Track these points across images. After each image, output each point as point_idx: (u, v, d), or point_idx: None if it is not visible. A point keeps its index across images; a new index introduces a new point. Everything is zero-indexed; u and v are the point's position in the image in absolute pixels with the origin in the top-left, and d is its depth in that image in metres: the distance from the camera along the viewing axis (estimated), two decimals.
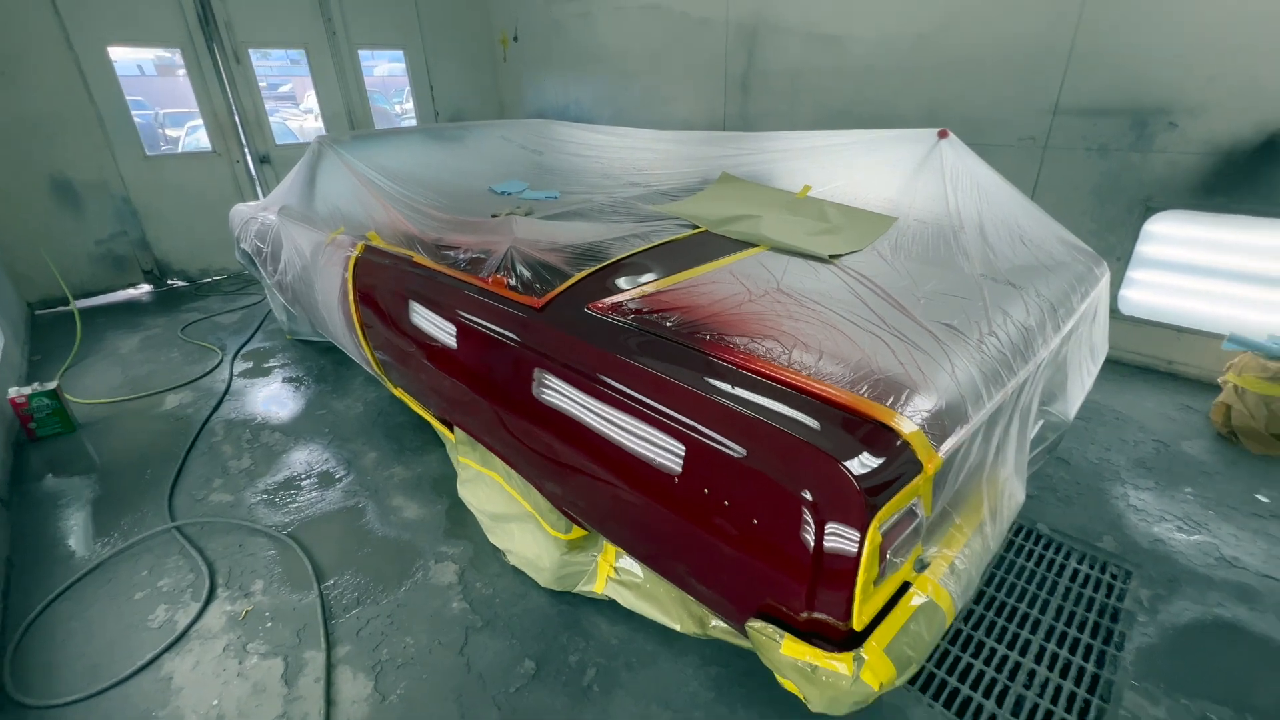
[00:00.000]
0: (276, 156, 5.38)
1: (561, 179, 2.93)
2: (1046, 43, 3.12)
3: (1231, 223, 2.87)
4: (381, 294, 2.23)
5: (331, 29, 5.43)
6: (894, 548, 1.00)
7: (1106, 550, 2.07)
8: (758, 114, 4.55)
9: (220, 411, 3.13)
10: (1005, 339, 1.36)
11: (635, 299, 1.56)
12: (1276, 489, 2.33)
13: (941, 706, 1.57)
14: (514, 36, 6.29)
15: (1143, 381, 3.16)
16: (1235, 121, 2.72)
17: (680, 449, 1.16)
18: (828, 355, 1.22)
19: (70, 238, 4.61)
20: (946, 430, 1.09)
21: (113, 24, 4.46)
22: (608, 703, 1.60)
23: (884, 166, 2.21)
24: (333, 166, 2.73)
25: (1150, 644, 1.73)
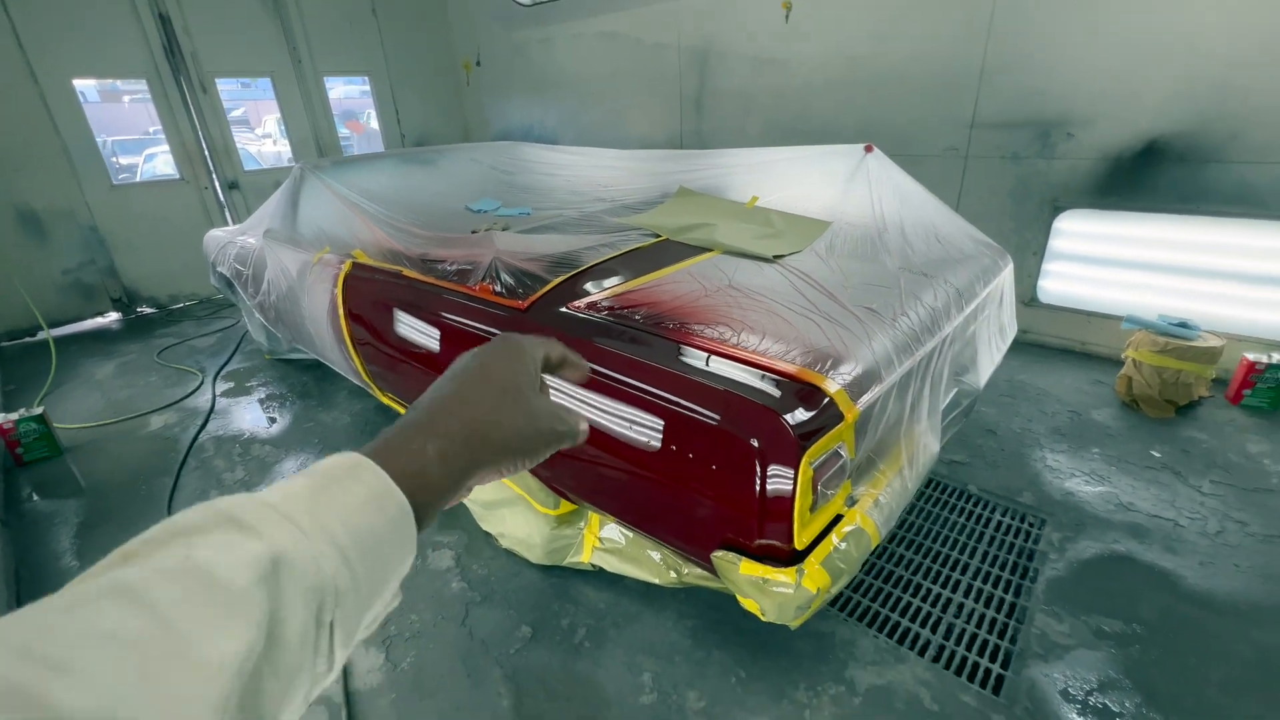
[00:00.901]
0: (245, 182, 5.47)
1: (532, 196, 3.16)
2: (961, 65, 3.51)
3: (1125, 219, 3.28)
4: (372, 306, 2.42)
5: (297, 57, 5.57)
6: (824, 481, 1.25)
7: (1025, 504, 2.38)
8: (711, 131, 4.88)
9: (208, 429, 3.23)
10: (915, 318, 1.64)
11: (607, 298, 1.80)
12: (1168, 445, 2.69)
13: (885, 637, 1.83)
14: (476, 62, 6.53)
15: (1061, 361, 3.55)
16: (1120, 131, 3.14)
17: (650, 419, 1.40)
18: (770, 335, 1.48)
19: (37, 268, 4.61)
20: (863, 388, 1.36)
21: (77, 56, 4.53)
22: (599, 655, 1.81)
23: (820, 178, 2.52)
24: (315, 190, 2.90)
25: (1058, 576, 2.03)
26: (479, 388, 0.42)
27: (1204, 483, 2.44)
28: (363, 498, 0.33)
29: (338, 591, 0.30)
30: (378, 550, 0.33)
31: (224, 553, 0.27)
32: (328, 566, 0.30)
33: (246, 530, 0.28)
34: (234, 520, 0.29)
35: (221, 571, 0.26)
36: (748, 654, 1.79)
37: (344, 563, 0.31)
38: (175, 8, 4.82)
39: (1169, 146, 3.04)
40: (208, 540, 0.28)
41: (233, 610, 0.26)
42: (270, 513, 0.30)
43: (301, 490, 0.32)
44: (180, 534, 0.28)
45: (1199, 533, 2.18)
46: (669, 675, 1.73)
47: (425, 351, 2.16)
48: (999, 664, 1.73)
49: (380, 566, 0.33)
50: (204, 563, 0.26)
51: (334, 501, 0.32)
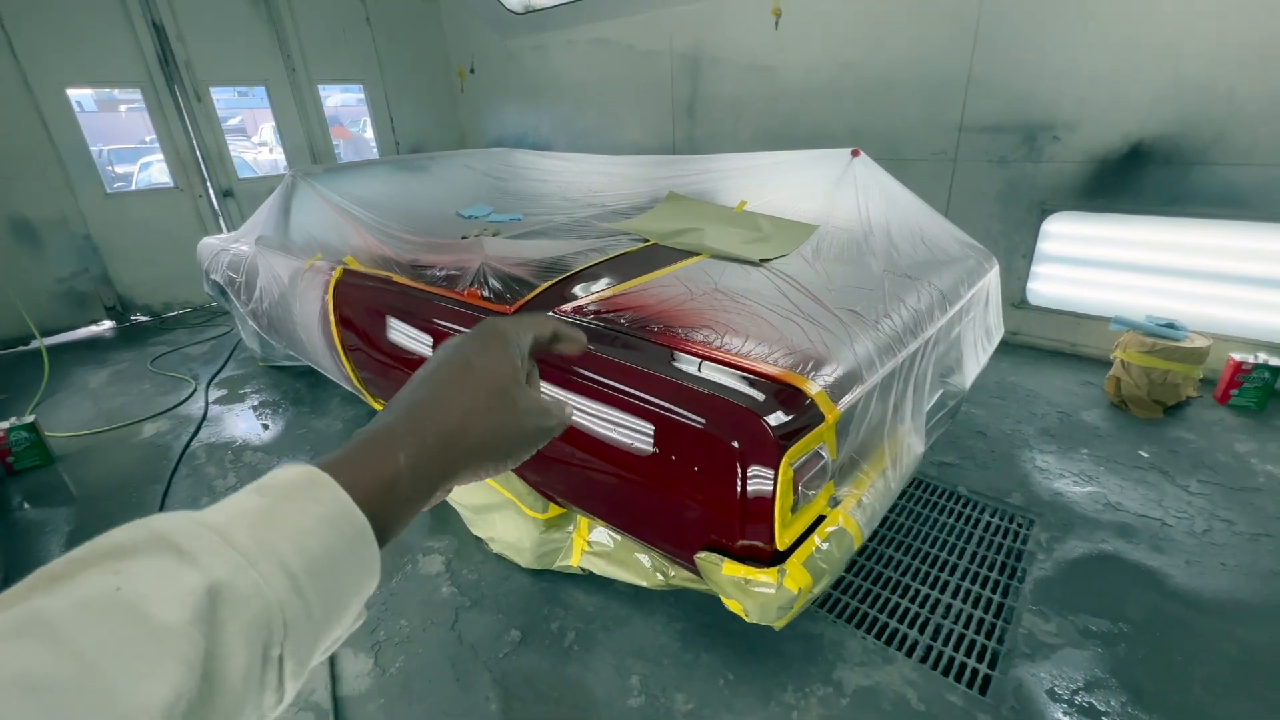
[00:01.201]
0: (239, 190, 5.48)
1: (523, 202, 3.18)
2: (948, 70, 3.54)
3: (1112, 220, 3.31)
4: (362, 312, 2.43)
5: (291, 65, 5.60)
6: (805, 481, 1.26)
7: (1014, 504, 2.39)
8: (703, 137, 4.91)
9: (200, 437, 3.23)
10: (898, 320, 1.66)
11: (594, 302, 1.81)
12: (1155, 445, 2.70)
13: (873, 638, 1.83)
14: (470, 69, 6.57)
15: (1051, 363, 3.57)
16: (1106, 134, 3.17)
17: (635, 421, 1.41)
18: (753, 338, 1.49)
19: (30, 277, 4.62)
20: (845, 390, 1.37)
21: (72, 66, 4.55)
22: (588, 659, 1.81)
23: (808, 182, 2.54)
24: (307, 197, 2.91)
25: (1045, 576, 2.04)
26: (460, 385, 0.39)
27: (1191, 482, 2.45)
28: (317, 518, 0.30)
29: (286, 623, 0.28)
30: (334, 575, 0.30)
31: (156, 584, 0.25)
32: (275, 595, 0.27)
33: (184, 557, 0.26)
34: (170, 544, 0.26)
35: (153, 607, 0.24)
36: (736, 656, 1.79)
37: (295, 590, 0.28)
38: (169, 16, 4.85)
39: (1154, 149, 3.07)
40: (140, 566, 0.25)
41: (164, 651, 0.23)
42: (212, 537, 0.27)
43: (250, 510, 0.30)
44: (110, 556, 0.25)
45: (1186, 532, 2.20)
46: (657, 678, 1.74)
47: (415, 357, 2.17)
48: (986, 664, 1.74)
49: (337, 592, 0.31)
50: (133, 596, 0.24)
51: (286, 522, 0.29)
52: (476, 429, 0.38)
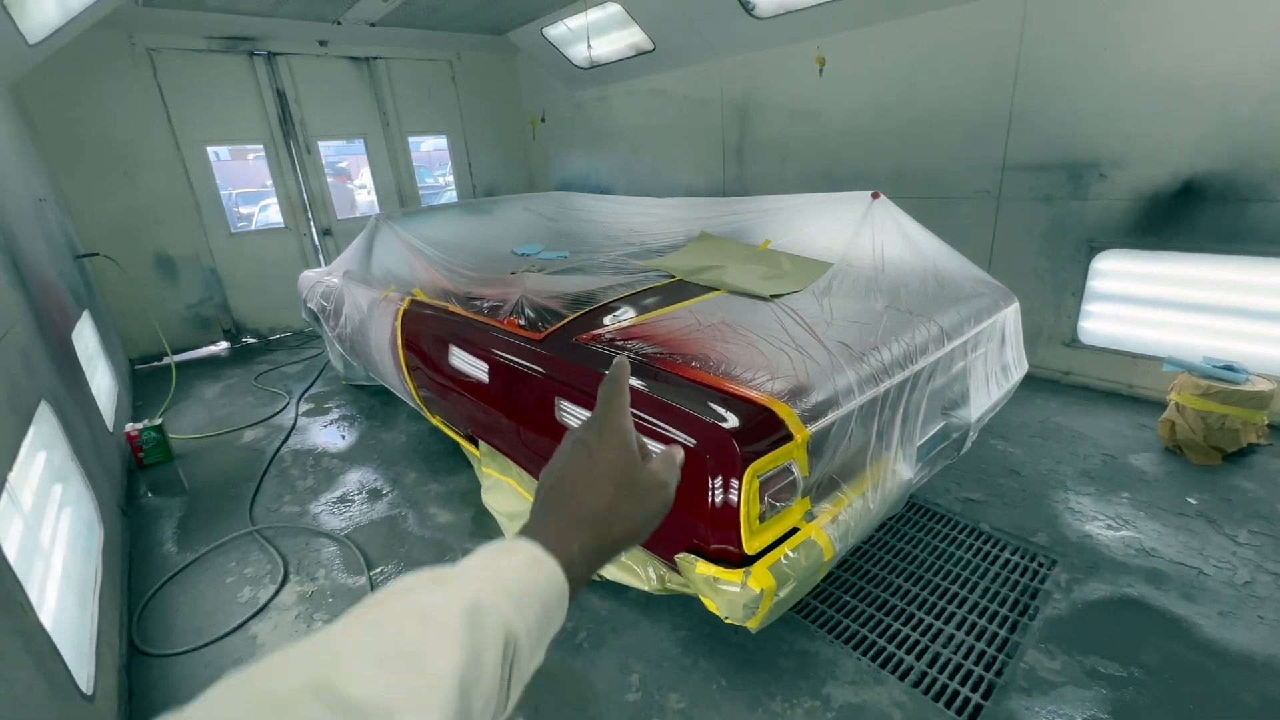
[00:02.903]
0: (337, 229, 6.22)
1: (572, 241, 3.50)
2: (990, 110, 3.60)
3: (1166, 258, 3.21)
4: (424, 338, 2.78)
5: (386, 120, 6.35)
6: (772, 493, 1.40)
7: (1039, 544, 2.36)
8: (751, 178, 5.12)
9: (288, 443, 3.70)
10: (887, 353, 1.77)
11: (612, 331, 2.04)
12: (1207, 493, 2.57)
13: (868, 660, 1.89)
14: (542, 118, 7.16)
15: (1106, 404, 3.43)
16: (1154, 172, 3.11)
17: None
18: (741, 364, 1.66)
19: (167, 303, 5.43)
20: (819, 414, 1.51)
21: (212, 127, 5.42)
22: (595, 656, 1.98)
23: (829, 223, 2.68)
24: (387, 237, 3.36)
25: (1059, 615, 2.01)
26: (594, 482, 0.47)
27: (1241, 532, 2.33)
28: (523, 561, 0.41)
29: (514, 635, 0.37)
30: (541, 602, 0.40)
31: (436, 599, 0.36)
32: (507, 613, 0.37)
33: (447, 585, 0.37)
34: (436, 580, 0.38)
35: (436, 612, 0.35)
36: (732, 665, 1.90)
37: (517, 612, 0.38)
38: (290, 83, 5.68)
39: (1207, 186, 2.98)
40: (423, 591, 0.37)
41: (448, 638, 0.33)
42: (461, 574, 0.38)
43: (477, 561, 0.41)
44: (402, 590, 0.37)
45: (1225, 582, 2.10)
46: (655, 678, 1.88)
47: (466, 376, 2.47)
48: (980, 694, 1.76)
49: (544, 618, 0.40)
50: (424, 605, 0.35)
51: (502, 565, 0.40)
52: (618, 524, 0.47)
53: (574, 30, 5.54)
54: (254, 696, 0.29)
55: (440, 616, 0.34)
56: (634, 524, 0.48)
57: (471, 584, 0.37)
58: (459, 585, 0.37)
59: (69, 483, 2.29)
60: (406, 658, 0.32)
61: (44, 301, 2.88)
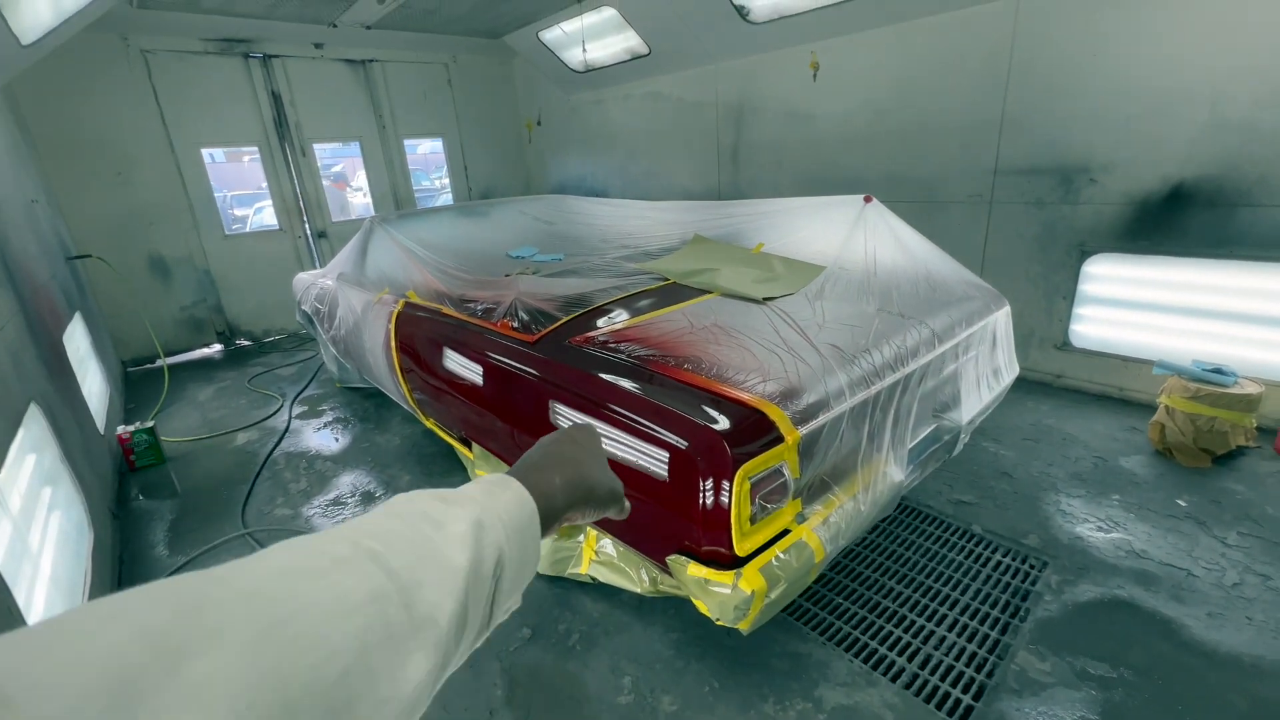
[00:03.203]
0: (332, 232, 6.21)
1: (567, 244, 3.50)
2: (982, 115, 3.62)
3: (1157, 263, 3.24)
4: (417, 340, 2.77)
5: (382, 123, 6.35)
6: (763, 495, 1.41)
7: (1030, 546, 2.37)
8: (746, 181, 5.14)
9: (281, 446, 3.69)
10: (878, 356, 1.78)
11: (605, 334, 2.04)
12: (1197, 495, 2.59)
13: (860, 662, 1.90)
14: (538, 121, 7.17)
15: (1097, 407, 3.45)
16: (1144, 176, 3.14)
17: (625, 436, 1.61)
18: (732, 367, 1.66)
19: (160, 305, 5.41)
20: (810, 416, 1.52)
21: (206, 129, 5.41)
22: (588, 658, 1.98)
23: (822, 226, 2.70)
24: (381, 240, 3.36)
25: (1049, 617, 2.02)
26: (575, 449, 0.56)
27: (1230, 534, 2.35)
28: (513, 498, 0.46)
29: (504, 558, 0.41)
30: (522, 538, 0.44)
31: (445, 514, 0.41)
32: (500, 537, 0.42)
33: (453, 503, 0.42)
34: (443, 498, 0.43)
35: (448, 522, 0.40)
36: (724, 667, 1.90)
37: (507, 538, 0.42)
38: (284, 85, 5.68)
39: (1196, 190, 3.01)
40: (432, 504, 0.41)
41: (458, 542, 0.39)
42: (465, 496, 0.44)
43: (477, 488, 0.46)
44: (414, 500, 0.42)
45: (1214, 584, 2.11)
46: (648, 680, 1.88)
47: (459, 378, 2.47)
48: (970, 696, 1.76)
49: (523, 550, 0.44)
50: (437, 515, 0.40)
51: (498, 497, 0.45)
52: (592, 478, 0.55)
53: (569, 34, 5.56)
54: (315, 552, 0.33)
55: (451, 525, 0.40)
56: (602, 489, 0.56)
57: (474, 505, 0.42)
58: (464, 505, 0.42)
59: (59, 485, 2.27)
60: (428, 547, 0.37)
61: (35, 303, 2.87)
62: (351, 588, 0.32)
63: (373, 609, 0.32)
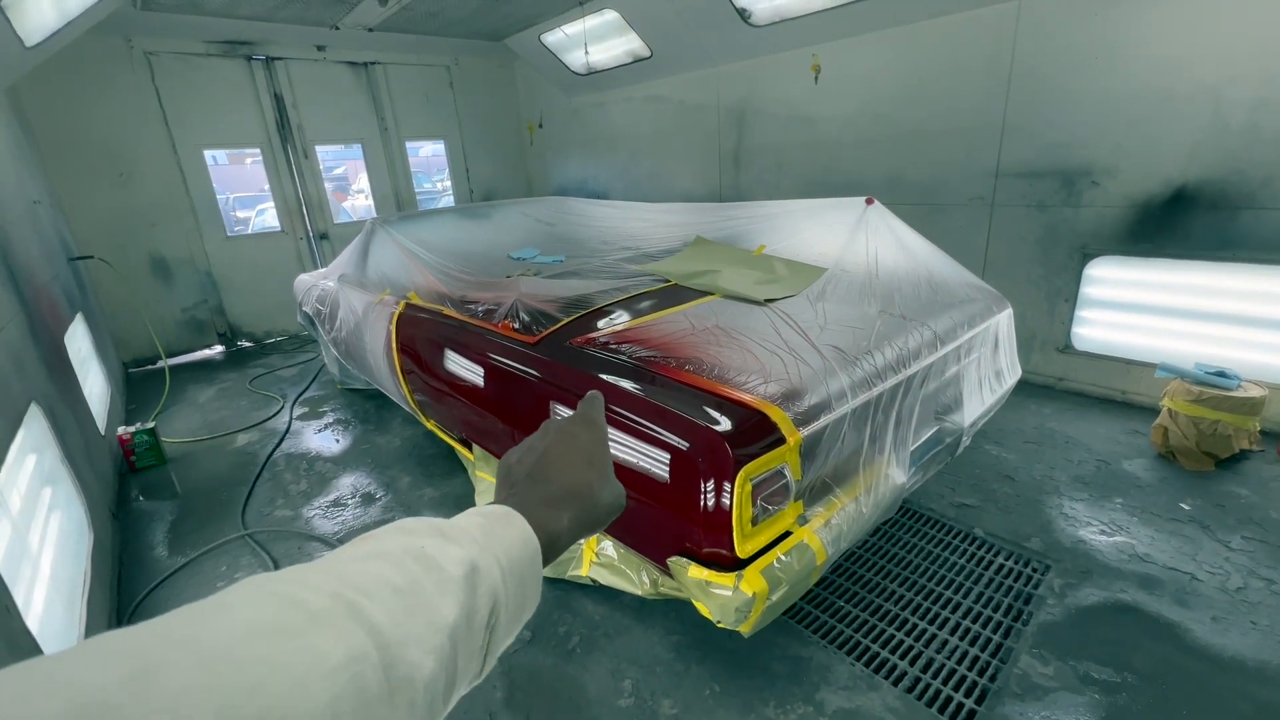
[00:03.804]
0: (334, 234, 6.21)
1: (568, 245, 3.50)
2: (982, 119, 3.62)
3: (1160, 265, 3.23)
4: (418, 341, 2.77)
5: (384, 125, 6.37)
6: (765, 496, 1.40)
7: (1032, 549, 2.36)
8: (748, 184, 5.14)
9: (282, 447, 3.68)
10: (880, 357, 1.78)
11: (606, 335, 2.04)
12: (1200, 498, 2.58)
13: (862, 665, 1.88)
14: (539, 124, 7.18)
15: (1100, 410, 3.44)
16: (1145, 179, 3.14)
17: (625, 437, 1.60)
18: (734, 368, 1.66)
19: (161, 306, 5.41)
20: (811, 417, 1.51)
21: (209, 131, 5.42)
22: (588, 661, 1.97)
23: (824, 228, 2.69)
24: (382, 241, 3.36)
25: (1052, 620, 2.01)
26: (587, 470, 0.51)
27: (1234, 538, 2.33)
28: (516, 537, 0.42)
29: (499, 605, 0.38)
30: (521, 580, 0.41)
31: (442, 551, 0.37)
32: (497, 582, 0.38)
33: (450, 540, 0.38)
34: (440, 532, 0.39)
35: (444, 564, 0.36)
36: (725, 671, 1.89)
37: (504, 582, 0.39)
38: (287, 87, 5.69)
39: (1199, 193, 3.01)
40: (427, 541, 0.37)
41: (452, 591, 0.35)
42: (463, 533, 0.40)
43: (476, 523, 0.42)
44: (403, 531, 0.38)
45: (1218, 588, 2.10)
46: (648, 683, 1.87)
47: (460, 379, 2.47)
48: (973, 700, 1.75)
49: (522, 595, 0.41)
50: (433, 554, 0.36)
51: (499, 534, 0.41)
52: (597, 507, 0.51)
53: (571, 37, 5.57)
54: (290, 604, 0.29)
55: (445, 569, 0.36)
56: (603, 513, 0.51)
57: (473, 546, 0.39)
58: (461, 544, 0.38)
59: (59, 486, 2.27)
60: (415, 595, 0.33)
61: (36, 304, 2.87)
62: (327, 651, 0.28)
63: (347, 674, 0.28)
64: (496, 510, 0.44)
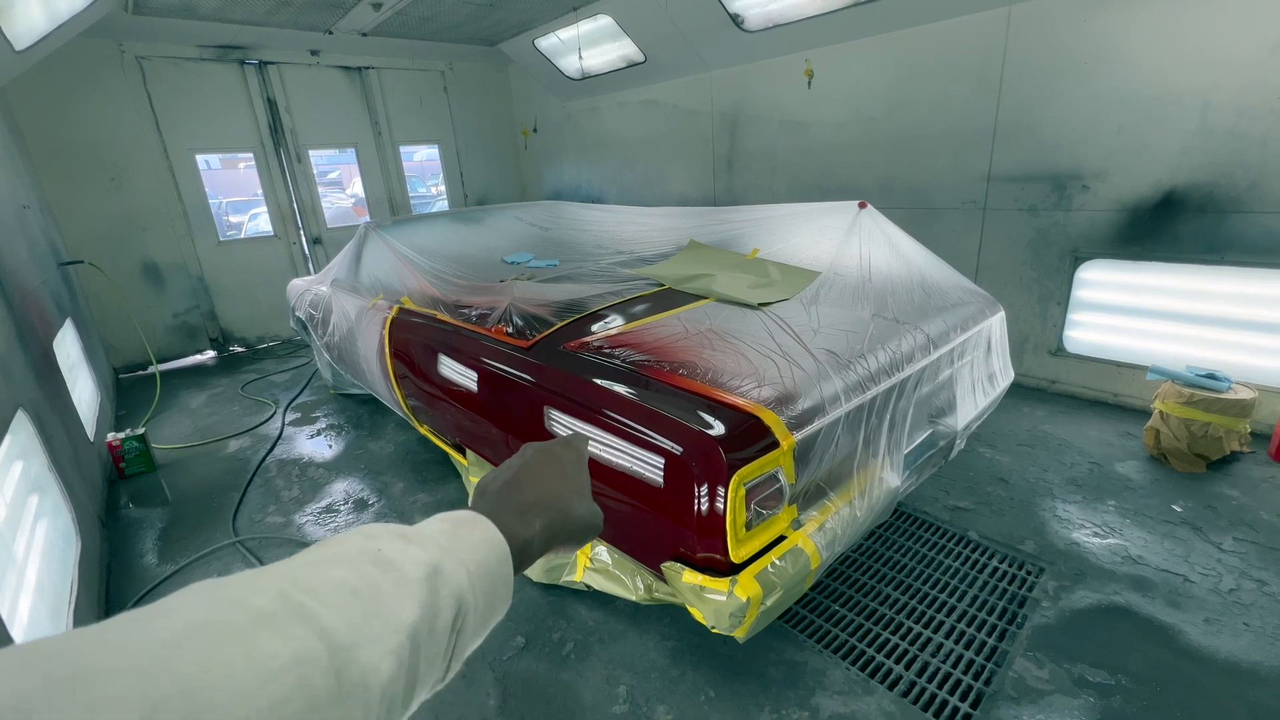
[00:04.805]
0: (327, 238, 6.19)
1: (562, 250, 3.50)
2: (974, 123, 3.65)
3: (1150, 268, 3.25)
4: (412, 346, 2.76)
5: (378, 130, 6.36)
6: (759, 500, 1.40)
7: (1026, 552, 2.36)
8: (742, 188, 5.16)
9: (274, 453, 3.66)
10: (874, 361, 1.78)
11: (600, 339, 2.03)
12: (1192, 500, 2.59)
13: (857, 670, 1.88)
14: (533, 128, 7.19)
15: (1092, 413, 3.46)
16: (1135, 183, 3.16)
17: (619, 442, 1.59)
18: (728, 372, 1.66)
19: (153, 311, 5.38)
20: (805, 421, 1.51)
21: (200, 135, 5.40)
22: (582, 667, 1.96)
23: (817, 232, 2.70)
24: (376, 246, 3.35)
25: (1047, 623, 2.01)
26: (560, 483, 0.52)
27: (1226, 539, 2.34)
28: (482, 540, 0.42)
29: (465, 607, 0.38)
30: (490, 582, 0.40)
31: (401, 553, 0.36)
32: (463, 585, 0.38)
33: (412, 543, 0.38)
34: (403, 535, 0.39)
35: (403, 566, 0.35)
36: (720, 676, 1.88)
37: (471, 585, 0.38)
38: (280, 92, 5.68)
39: (1187, 197, 3.03)
40: (387, 543, 0.37)
41: (412, 593, 0.34)
42: (427, 536, 0.39)
43: (440, 527, 0.41)
44: (364, 535, 0.38)
45: (1210, 589, 2.11)
46: (643, 689, 1.85)
47: (453, 384, 2.46)
48: (968, 704, 1.75)
49: (491, 597, 0.40)
50: (391, 556, 0.36)
51: (464, 538, 0.41)
52: (572, 519, 0.51)
53: (565, 41, 5.58)
54: (234, 604, 0.28)
55: (404, 570, 0.35)
56: (578, 529, 0.51)
57: (435, 548, 0.38)
58: (423, 547, 0.38)
59: (46, 493, 2.24)
60: (373, 597, 0.33)
61: (24, 309, 2.84)
62: (272, 652, 0.27)
63: (292, 676, 0.27)
64: (462, 515, 0.44)
